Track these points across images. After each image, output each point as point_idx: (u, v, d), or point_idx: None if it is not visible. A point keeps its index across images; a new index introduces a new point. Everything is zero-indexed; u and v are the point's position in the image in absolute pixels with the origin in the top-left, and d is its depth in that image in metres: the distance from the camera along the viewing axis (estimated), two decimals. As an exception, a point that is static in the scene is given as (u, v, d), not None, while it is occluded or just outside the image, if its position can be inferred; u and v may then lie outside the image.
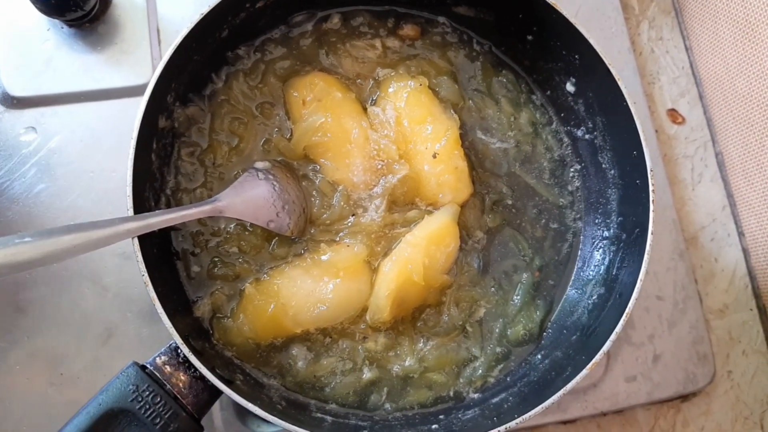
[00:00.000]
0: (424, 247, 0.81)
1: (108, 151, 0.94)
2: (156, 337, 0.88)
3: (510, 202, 0.91)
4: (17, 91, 0.94)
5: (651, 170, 0.79)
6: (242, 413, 0.87)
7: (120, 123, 0.94)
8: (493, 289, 0.88)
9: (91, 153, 0.94)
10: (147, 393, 0.65)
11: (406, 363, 0.83)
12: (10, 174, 0.92)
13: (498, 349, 0.86)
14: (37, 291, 0.89)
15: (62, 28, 0.97)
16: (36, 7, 0.92)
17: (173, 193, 0.84)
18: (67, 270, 0.89)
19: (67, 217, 0.92)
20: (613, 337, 0.74)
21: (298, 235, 0.83)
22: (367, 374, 0.81)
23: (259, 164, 0.82)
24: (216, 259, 0.82)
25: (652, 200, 0.78)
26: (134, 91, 0.95)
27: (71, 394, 0.86)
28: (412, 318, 0.85)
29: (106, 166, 0.93)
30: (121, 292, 0.89)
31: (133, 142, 0.72)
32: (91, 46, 0.97)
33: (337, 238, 0.84)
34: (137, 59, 0.97)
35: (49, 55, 0.96)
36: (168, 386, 0.67)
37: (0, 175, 0.92)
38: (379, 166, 0.85)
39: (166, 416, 0.65)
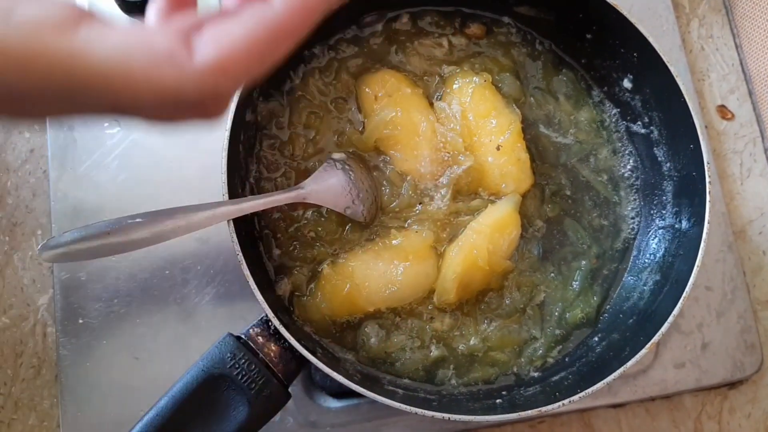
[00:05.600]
0: (489, 234, 0.86)
1: (185, 144, 0.99)
2: (230, 316, 0.94)
3: (568, 193, 0.95)
4: (103, 86, 1.00)
5: (708, 163, 0.82)
6: (310, 390, 0.93)
7: (196, 117, 1.01)
8: (552, 274, 0.92)
9: (168, 145, 0.99)
10: (243, 360, 0.70)
11: (471, 342, 0.87)
12: (96, 164, 0.99)
13: (557, 331, 0.90)
14: (122, 272, 0.95)
15: (143, 28, 1.03)
16: (120, 8, 0.99)
17: (256, 182, 0.89)
18: (148, 254, 0.95)
19: (148, 204, 0.94)
20: (671, 319, 0.77)
21: (370, 222, 0.89)
22: (435, 352, 0.86)
23: (336, 155, 0.87)
24: (295, 243, 0.88)
25: (709, 191, 0.82)
26: (209, 88, 1.01)
27: (154, 369, 0.92)
28: (476, 301, 0.89)
29: (183, 157, 0.99)
30: (197, 275, 0.95)
31: (226, 134, 0.77)
32: (169, 46, 1.03)
33: (406, 225, 0.89)
34: (212, 58, 1.03)
35: (132, 53, 1.03)
36: (261, 355, 0.72)
37: (87, 165, 0.99)
38: (445, 158, 0.90)
39: (260, 382, 0.70)
